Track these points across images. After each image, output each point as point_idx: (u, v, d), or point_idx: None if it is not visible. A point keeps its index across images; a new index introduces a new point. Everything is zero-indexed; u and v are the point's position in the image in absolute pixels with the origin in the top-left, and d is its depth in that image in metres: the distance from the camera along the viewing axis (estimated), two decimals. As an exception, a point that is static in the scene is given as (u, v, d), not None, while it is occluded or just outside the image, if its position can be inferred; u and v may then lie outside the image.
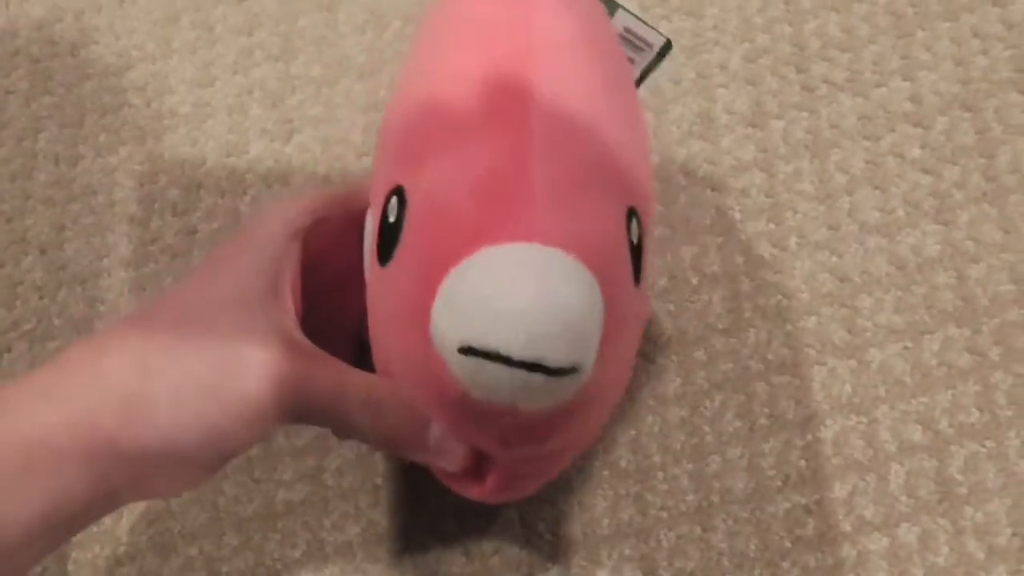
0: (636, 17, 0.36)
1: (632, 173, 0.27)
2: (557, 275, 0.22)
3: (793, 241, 0.44)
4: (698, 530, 0.40)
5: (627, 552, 0.40)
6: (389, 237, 0.26)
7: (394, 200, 0.26)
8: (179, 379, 0.25)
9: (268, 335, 0.26)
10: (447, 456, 0.28)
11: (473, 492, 0.30)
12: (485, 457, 0.29)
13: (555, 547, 0.40)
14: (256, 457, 0.42)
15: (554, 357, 0.22)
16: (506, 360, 0.21)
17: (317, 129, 0.48)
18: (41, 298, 0.45)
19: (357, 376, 0.27)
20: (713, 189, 0.45)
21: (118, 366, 0.26)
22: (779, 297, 0.43)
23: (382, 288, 0.27)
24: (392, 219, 0.26)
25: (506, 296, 0.21)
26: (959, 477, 0.40)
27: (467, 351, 0.22)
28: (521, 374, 0.22)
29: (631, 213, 0.26)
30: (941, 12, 0.48)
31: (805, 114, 0.46)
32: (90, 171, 0.47)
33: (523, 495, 0.32)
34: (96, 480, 0.25)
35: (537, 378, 0.22)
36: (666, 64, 0.47)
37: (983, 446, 0.41)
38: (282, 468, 0.41)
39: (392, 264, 0.26)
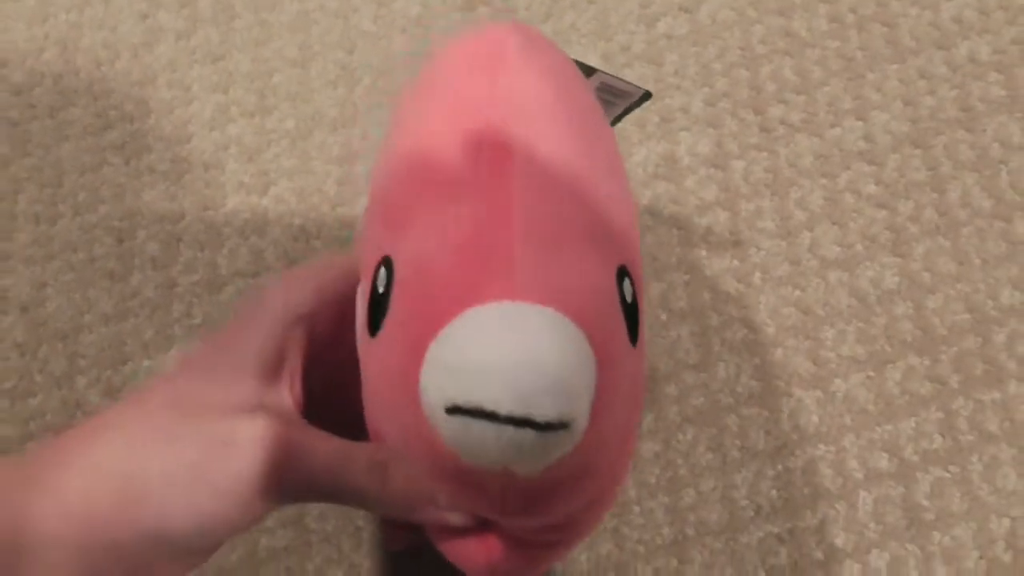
0: (614, 76, 0.38)
1: (620, 230, 0.27)
2: (541, 330, 0.22)
3: (757, 277, 0.46)
4: (674, 563, 0.41)
5: (606, 588, 0.41)
6: (378, 308, 0.26)
7: (383, 271, 0.26)
8: (171, 460, 0.25)
9: (263, 415, 0.26)
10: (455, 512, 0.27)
11: (479, 554, 0.28)
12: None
13: (535, 585, 0.41)
14: (238, 506, 0.42)
15: (542, 412, 0.21)
16: (494, 416, 0.22)
17: (292, 181, 0.49)
18: (22, 355, 0.45)
19: (359, 444, 0.27)
20: (679, 228, 0.47)
21: (112, 450, 0.25)
22: (745, 331, 0.45)
23: (373, 360, 0.27)
24: (381, 290, 0.26)
25: (491, 353, 0.22)
26: (925, 503, 0.41)
27: (454, 410, 0.22)
28: (509, 431, 0.22)
29: (623, 272, 0.26)
30: (889, 55, 0.50)
31: (764, 154, 0.48)
32: (69, 229, 0.48)
33: (536, 572, 0.30)
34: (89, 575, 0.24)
35: (527, 434, 0.22)
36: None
37: (947, 471, 0.42)
38: (264, 516, 0.42)
39: (381, 334, 0.26)
